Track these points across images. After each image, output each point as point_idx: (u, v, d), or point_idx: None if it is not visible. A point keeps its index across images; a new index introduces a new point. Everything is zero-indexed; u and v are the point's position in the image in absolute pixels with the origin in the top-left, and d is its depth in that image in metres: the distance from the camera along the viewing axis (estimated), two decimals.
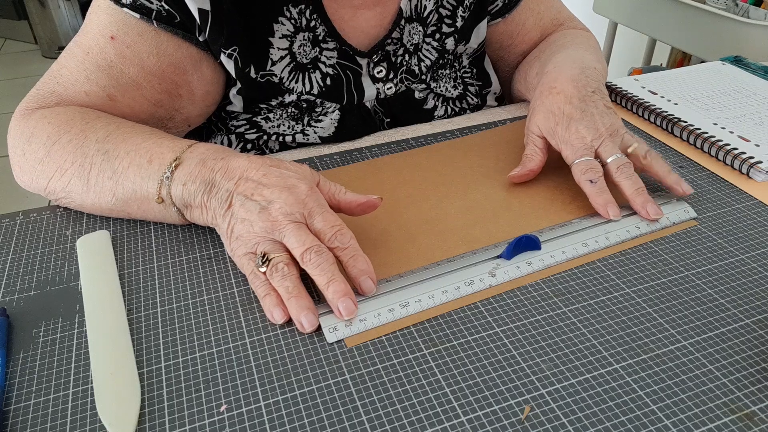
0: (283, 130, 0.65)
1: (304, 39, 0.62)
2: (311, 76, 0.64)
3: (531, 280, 0.47)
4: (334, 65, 0.64)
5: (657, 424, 0.36)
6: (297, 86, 0.63)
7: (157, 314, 0.44)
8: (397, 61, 0.67)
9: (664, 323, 0.43)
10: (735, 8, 1.16)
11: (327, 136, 0.66)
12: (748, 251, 0.49)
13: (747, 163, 0.58)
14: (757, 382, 0.39)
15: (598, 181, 0.53)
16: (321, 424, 0.36)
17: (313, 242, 0.44)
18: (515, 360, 0.40)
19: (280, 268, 0.44)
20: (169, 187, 0.49)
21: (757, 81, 0.77)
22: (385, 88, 0.68)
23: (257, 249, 0.45)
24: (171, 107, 0.61)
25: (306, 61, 0.63)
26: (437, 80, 0.71)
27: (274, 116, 0.65)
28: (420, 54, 0.68)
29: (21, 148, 0.55)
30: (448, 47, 0.70)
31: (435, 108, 0.71)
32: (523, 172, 0.57)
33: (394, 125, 0.70)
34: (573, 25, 0.78)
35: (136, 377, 0.39)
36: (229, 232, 0.46)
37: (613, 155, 0.53)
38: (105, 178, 0.51)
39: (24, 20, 2.98)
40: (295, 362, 0.40)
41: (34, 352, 0.42)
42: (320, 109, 0.65)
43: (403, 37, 0.66)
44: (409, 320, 0.43)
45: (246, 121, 0.65)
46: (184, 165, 0.49)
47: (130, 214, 0.53)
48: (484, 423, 0.36)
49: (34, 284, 0.47)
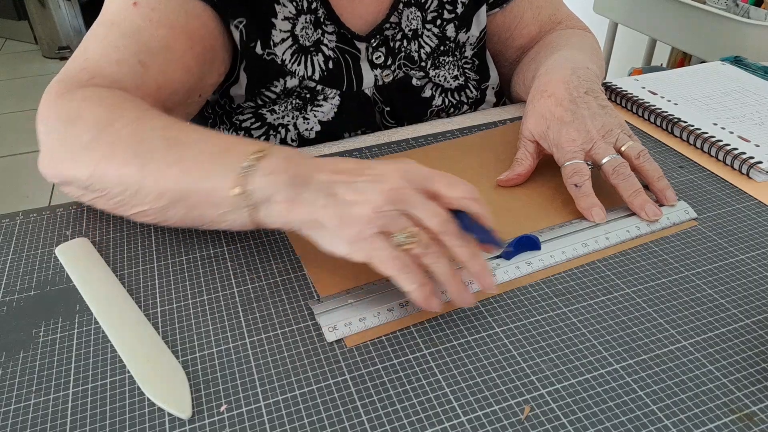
0: (287, 121, 0.66)
1: (306, 21, 0.63)
2: (313, 59, 0.64)
3: (531, 280, 0.46)
4: (334, 49, 0.65)
5: (657, 424, 0.36)
6: (299, 69, 0.64)
7: (157, 314, 0.44)
8: (395, 47, 0.68)
9: (664, 323, 0.43)
10: (735, 8, 1.16)
11: (327, 121, 0.67)
12: (748, 251, 0.49)
13: (747, 163, 0.58)
14: (757, 382, 0.39)
15: (583, 185, 0.53)
16: (321, 424, 0.36)
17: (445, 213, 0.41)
18: (515, 360, 0.40)
19: (429, 245, 0.40)
20: (249, 177, 0.42)
21: (757, 81, 0.77)
22: (383, 74, 0.68)
23: (389, 227, 0.40)
24: (199, 74, 0.59)
25: (308, 44, 0.64)
26: (438, 67, 0.71)
27: (279, 108, 0.65)
28: (420, 40, 0.69)
29: (60, 132, 0.50)
30: (449, 34, 0.71)
31: (432, 98, 0.72)
32: (511, 176, 0.57)
33: (393, 115, 0.71)
34: (572, 24, 0.78)
35: (174, 359, 0.40)
36: (336, 221, 0.41)
37: (607, 156, 0.53)
38: (165, 165, 0.45)
39: (24, 20, 2.98)
40: (295, 362, 0.40)
41: (34, 352, 0.42)
42: (321, 96, 0.66)
43: (402, 22, 0.67)
44: (409, 320, 0.43)
45: (252, 114, 0.66)
46: (270, 157, 0.43)
47: (174, 216, 0.47)
48: (484, 423, 0.36)
49: (34, 284, 0.47)
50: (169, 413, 0.37)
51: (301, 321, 0.43)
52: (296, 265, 0.48)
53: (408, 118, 0.71)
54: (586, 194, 0.53)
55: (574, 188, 0.53)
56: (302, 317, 0.44)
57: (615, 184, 0.53)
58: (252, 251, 0.50)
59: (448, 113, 0.73)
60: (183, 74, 0.57)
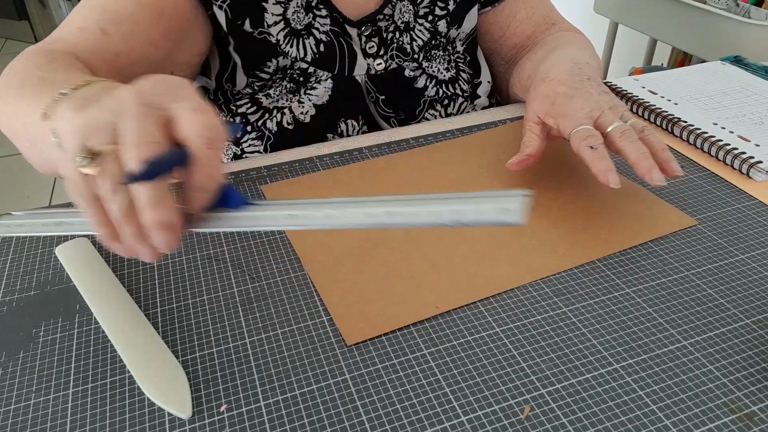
0: (282, 104, 0.67)
1: (297, 6, 0.64)
2: (305, 42, 0.66)
3: (531, 279, 0.46)
4: (327, 32, 0.66)
5: (657, 424, 0.36)
6: (292, 50, 0.65)
7: (157, 314, 0.44)
8: (387, 38, 0.69)
9: (664, 323, 0.43)
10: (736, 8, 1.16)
11: (321, 105, 0.68)
12: (748, 251, 0.49)
13: (747, 163, 0.58)
14: (757, 382, 0.39)
15: (599, 147, 0.50)
16: (321, 424, 0.36)
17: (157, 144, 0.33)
18: (515, 360, 0.40)
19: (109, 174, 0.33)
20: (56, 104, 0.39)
21: (757, 81, 0.77)
22: (375, 63, 0.69)
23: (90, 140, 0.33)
24: (165, 50, 0.61)
25: (300, 27, 0.65)
26: (430, 60, 0.72)
27: (273, 92, 0.67)
28: (412, 33, 0.70)
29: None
30: (440, 29, 0.72)
31: (426, 88, 0.72)
32: (521, 157, 0.55)
33: (388, 104, 0.71)
34: (566, 27, 0.78)
35: (174, 359, 0.40)
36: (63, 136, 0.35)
37: (614, 123, 0.52)
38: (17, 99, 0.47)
39: (25, 20, 2.98)
40: (295, 362, 0.40)
41: (34, 352, 0.42)
42: (313, 78, 0.67)
43: (395, 14, 0.68)
44: (409, 319, 0.43)
45: (249, 99, 0.67)
46: (86, 87, 0.40)
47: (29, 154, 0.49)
48: (484, 423, 0.36)
49: (34, 284, 0.47)
50: (169, 413, 0.37)
51: (301, 321, 0.43)
52: (296, 265, 0.48)
53: (403, 107, 0.72)
54: (602, 156, 0.50)
55: (590, 150, 0.51)
56: (302, 317, 0.44)
57: (621, 146, 0.51)
58: (252, 251, 0.50)
59: (442, 104, 0.74)
60: (146, 46, 0.59)
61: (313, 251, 0.50)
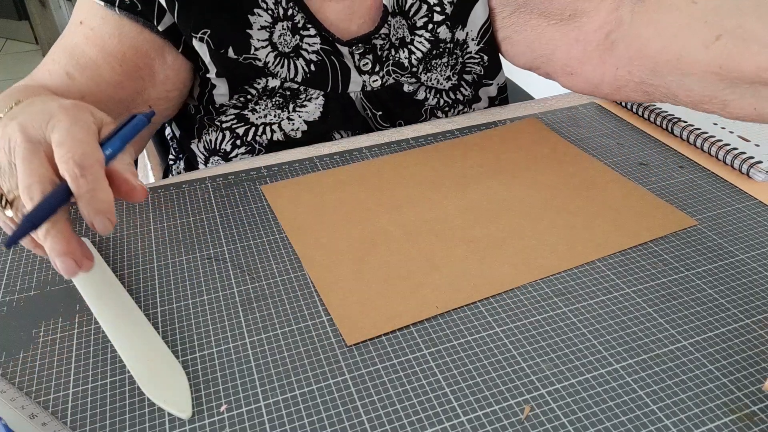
0: (270, 120, 0.66)
1: (283, 29, 0.63)
2: (295, 63, 0.65)
3: (531, 279, 0.47)
4: (318, 51, 0.65)
5: (657, 424, 0.36)
6: (282, 71, 0.64)
7: (157, 314, 0.44)
8: (383, 55, 0.68)
9: (664, 323, 0.43)
10: None
11: (312, 121, 0.67)
12: (748, 251, 0.49)
13: (747, 163, 0.58)
14: (757, 382, 0.39)
15: None
16: (321, 424, 0.36)
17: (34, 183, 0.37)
18: (515, 360, 0.40)
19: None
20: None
21: None
22: (371, 80, 0.68)
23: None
24: (132, 89, 0.61)
25: (288, 50, 0.64)
26: (431, 71, 0.71)
27: (260, 108, 0.66)
28: (410, 47, 0.69)
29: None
30: (442, 36, 0.69)
31: (426, 99, 0.72)
32: None
33: (387, 118, 0.71)
34: None
35: (174, 359, 0.40)
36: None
37: None
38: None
39: (25, 20, 2.98)
40: (295, 362, 0.40)
41: (34, 352, 0.42)
42: (304, 96, 0.66)
43: (390, 32, 0.67)
44: (409, 319, 0.43)
45: (234, 116, 0.66)
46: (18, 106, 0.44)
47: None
48: (484, 423, 0.36)
49: (34, 284, 0.48)
50: (169, 413, 0.37)
51: (301, 321, 0.43)
52: (296, 265, 0.48)
53: (404, 118, 0.72)
54: None
55: None
56: (302, 317, 0.44)
57: None
58: (252, 251, 0.50)
59: (443, 111, 0.73)
60: (111, 87, 0.60)
61: (313, 251, 0.50)
